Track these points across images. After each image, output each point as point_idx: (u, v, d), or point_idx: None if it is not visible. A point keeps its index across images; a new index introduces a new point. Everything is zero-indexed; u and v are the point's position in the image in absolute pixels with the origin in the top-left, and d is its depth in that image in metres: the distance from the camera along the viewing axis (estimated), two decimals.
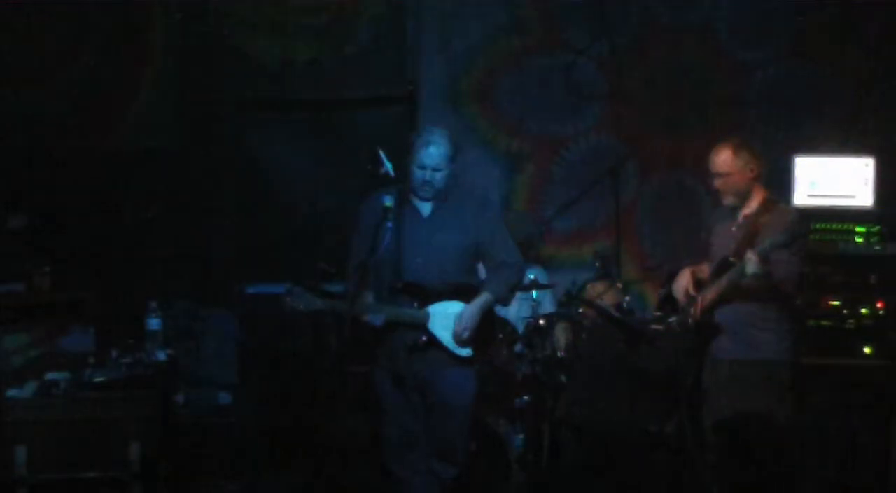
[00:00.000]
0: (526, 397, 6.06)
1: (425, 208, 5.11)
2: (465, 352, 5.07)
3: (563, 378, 6.07)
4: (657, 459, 5.66)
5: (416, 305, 5.02)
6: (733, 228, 5.08)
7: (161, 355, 5.33)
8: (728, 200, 5.12)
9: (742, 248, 4.91)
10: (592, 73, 7.33)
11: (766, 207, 5.05)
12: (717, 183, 5.13)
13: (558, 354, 6.22)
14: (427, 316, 5.02)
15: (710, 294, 5.04)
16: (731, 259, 4.94)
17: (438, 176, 5.02)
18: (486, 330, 5.16)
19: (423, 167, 5.00)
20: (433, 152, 5.00)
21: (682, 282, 5.21)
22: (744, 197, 5.09)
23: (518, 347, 6.23)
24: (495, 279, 5.14)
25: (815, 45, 7.09)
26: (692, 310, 5.11)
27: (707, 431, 5.15)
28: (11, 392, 5.02)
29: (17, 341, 6.17)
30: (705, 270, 5.22)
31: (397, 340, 5.04)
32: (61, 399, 4.99)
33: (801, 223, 4.91)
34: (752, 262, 4.78)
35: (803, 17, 7.07)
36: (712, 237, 5.24)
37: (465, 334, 5.01)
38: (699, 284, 5.16)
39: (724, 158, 5.09)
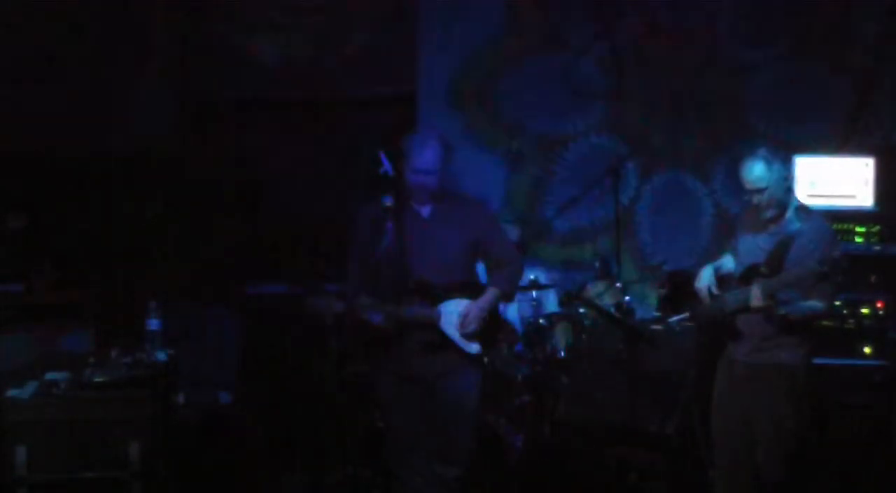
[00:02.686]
0: (526, 397, 6.07)
1: (424, 209, 5.12)
2: (474, 348, 5.07)
3: (563, 378, 6.08)
4: (657, 459, 5.66)
5: (426, 304, 5.03)
6: (764, 235, 4.93)
7: (161, 355, 5.31)
8: (768, 214, 4.88)
9: (773, 260, 4.81)
10: (592, 73, 7.33)
11: (799, 215, 4.90)
12: (756, 199, 4.85)
13: (558, 354, 6.23)
14: (438, 315, 5.03)
15: (733, 302, 4.95)
16: (763, 268, 4.84)
17: (432, 179, 5.03)
18: (493, 327, 5.16)
19: (416, 172, 5.01)
20: (428, 157, 5.01)
21: (705, 280, 5.08)
22: (784, 208, 4.89)
23: (518, 347, 6.24)
24: (500, 276, 5.15)
25: (815, 45, 7.09)
26: (712, 310, 5.04)
27: (713, 430, 5.13)
28: (11, 392, 5.01)
29: (17, 341, 6.17)
30: (726, 265, 5.12)
31: (408, 340, 5.04)
32: (61, 399, 4.98)
33: (833, 263, 4.64)
34: (755, 297, 4.71)
35: (803, 17, 7.09)
36: (739, 241, 5.10)
37: (471, 328, 5.01)
38: (722, 282, 5.07)
39: (758, 174, 4.80)
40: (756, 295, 4.71)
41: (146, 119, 7.38)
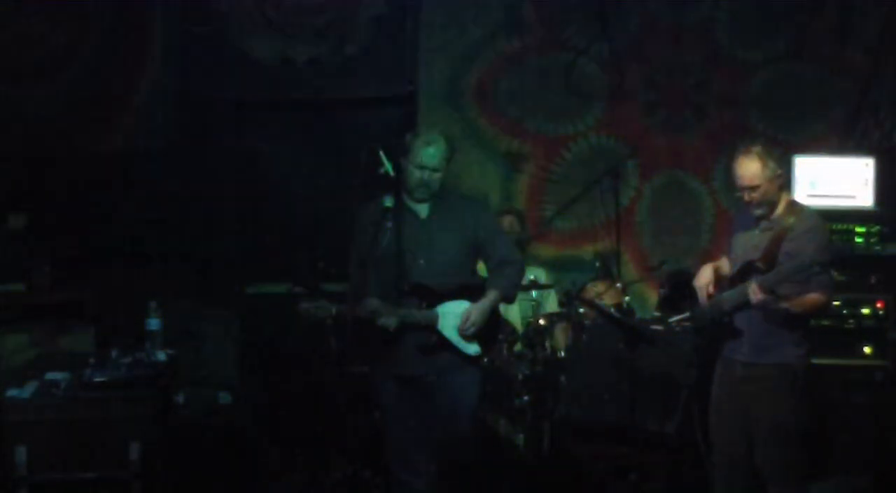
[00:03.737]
0: (526, 397, 6.07)
1: (422, 210, 5.11)
2: (473, 350, 5.06)
3: (563, 378, 6.07)
4: (657, 459, 5.66)
5: (424, 306, 5.02)
6: (758, 232, 4.96)
7: (161, 355, 5.32)
8: (759, 211, 4.92)
9: (768, 254, 4.84)
10: (592, 73, 7.33)
11: (790, 210, 4.93)
12: (747, 196, 4.88)
13: (558, 354, 6.22)
14: (436, 317, 5.02)
15: (731, 300, 4.96)
16: (758, 264, 4.85)
17: (435, 177, 5.03)
18: (493, 328, 5.16)
19: (421, 167, 5.01)
20: (433, 153, 5.01)
21: (704, 279, 5.09)
22: (774, 205, 4.93)
23: (518, 347, 6.24)
24: (500, 277, 5.14)
25: (815, 45, 7.09)
26: (711, 310, 5.04)
27: (713, 430, 5.13)
28: (11, 392, 5.02)
29: (17, 341, 6.17)
30: (725, 266, 5.15)
31: (407, 342, 5.03)
32: (61, 399, 4.98)
33: (832, 250, 4.72)
34: (754, 292, 4.73)
35: (803, 17, 7.09)
36: (735, 240, 5.12)
37: (471, 331, 5.01)
38: (719, 282, 5.09)
39: (753, 171, 4.83)
40: (755, 290, 4.73)
41: (146, 119, 7.37)
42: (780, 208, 4.93)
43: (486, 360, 5.61)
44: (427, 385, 5.06)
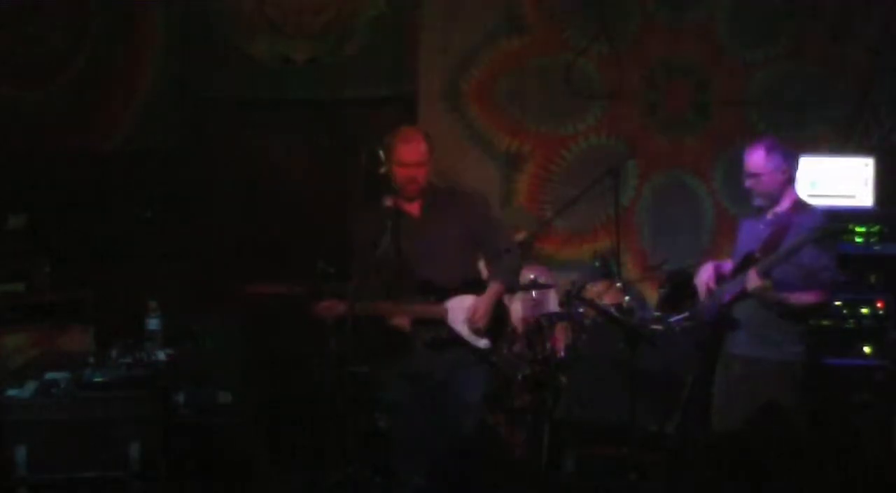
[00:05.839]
0: (526, 397, 6.06)
1: (415, 207, 5.12)
2: (483, 343, 5.06)
3: (563, 378, 6.08)
4: (657, 459, 5.66)
5: (431, 300, 5.02)
6: (761, 226, 5.02)
7: (161, 355, 5.32)
8: (757, 201, 5.01)
9: (768, 246, 4.88)
10: (592, 73, 7.33)
11: (795, 208, 4.98)
12: (748, 183, 5.00)
13: (558, 354, 6.22)
14: (446, 310, 5.02)
15: (730, 290, 5.00)
16: (756, 255, 4.90)
17: (421, 172, 5.03)
18: (500, 320, 5.16)
19: (404, 165, 5.01)
20: (412, 149, 5.02)
21: (704, 276, 5.15)
22: (774, 199, 4.99)
23: (518, 347, 6.23)
24: (501, 268, 5.14)
25: (815, 45, 7.09)
26: (711, 304, 5.07)
27: (714, 429, 5.14)
28: (11, 392, 5.02)
29: (17, 341, 6.17)
30: (727, 266, 5.18)
31: (416, 338, 5.03)
32: (61, 399, 4.98)
33: (822, 227, 4.79)
34: (751, 279, 4.78)
35: (803, 17, 7.09)
36: (741, 228, 5.18)
37: (480, 324, 5.00)
38: (720, 279, 5.12)
39: (755, 159, 4.96)
40: (752, 277, 4.76)
41: (145, 119, 7.38)
42: (786, 205, 4.98)
43: (493, 357, 5.60)
44: (437, 382, 5.05)
